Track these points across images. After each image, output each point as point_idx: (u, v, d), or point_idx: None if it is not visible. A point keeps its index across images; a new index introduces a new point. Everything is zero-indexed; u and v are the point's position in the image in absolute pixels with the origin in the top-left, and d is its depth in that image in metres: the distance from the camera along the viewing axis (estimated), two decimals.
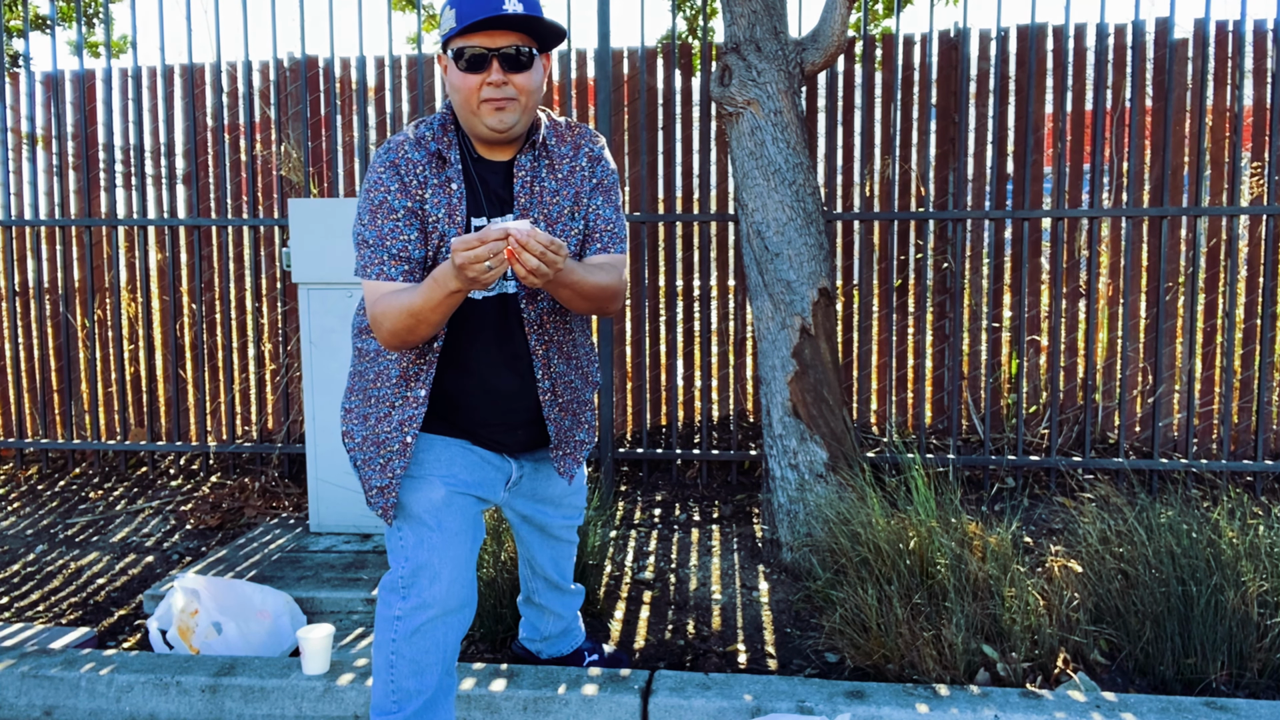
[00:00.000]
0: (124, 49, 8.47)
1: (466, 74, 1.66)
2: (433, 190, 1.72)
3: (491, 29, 1.63)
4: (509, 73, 1.66)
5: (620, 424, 4.11)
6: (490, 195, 1.76)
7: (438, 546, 1.75)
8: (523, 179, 1.77)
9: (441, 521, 1.76)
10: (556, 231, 1.79)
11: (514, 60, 1.65)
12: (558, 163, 1.81)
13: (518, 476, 1.95)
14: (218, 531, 3.55)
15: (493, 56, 1.64)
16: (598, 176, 1.84)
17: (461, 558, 1.78)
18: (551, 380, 1.85)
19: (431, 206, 1.71)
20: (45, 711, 2.25)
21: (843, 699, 2.05)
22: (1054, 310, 3.69)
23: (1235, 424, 3.77)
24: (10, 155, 4.20)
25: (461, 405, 1.82)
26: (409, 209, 1.70)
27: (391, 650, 1.76)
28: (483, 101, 1.67)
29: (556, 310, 1.83)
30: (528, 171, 1.78)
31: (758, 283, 3.02)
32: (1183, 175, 3.73)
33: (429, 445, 1.82)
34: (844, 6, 2.90)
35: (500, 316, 1.79)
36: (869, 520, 2.55)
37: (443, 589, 1.75)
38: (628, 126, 3.97)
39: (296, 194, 4.07)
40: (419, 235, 1.70)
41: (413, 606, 1.75)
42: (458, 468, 1.81)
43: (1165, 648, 2.25)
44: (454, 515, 1.78)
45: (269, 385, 4.18)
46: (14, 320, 4.30)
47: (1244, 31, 3.56)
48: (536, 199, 1.78)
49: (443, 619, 1.76)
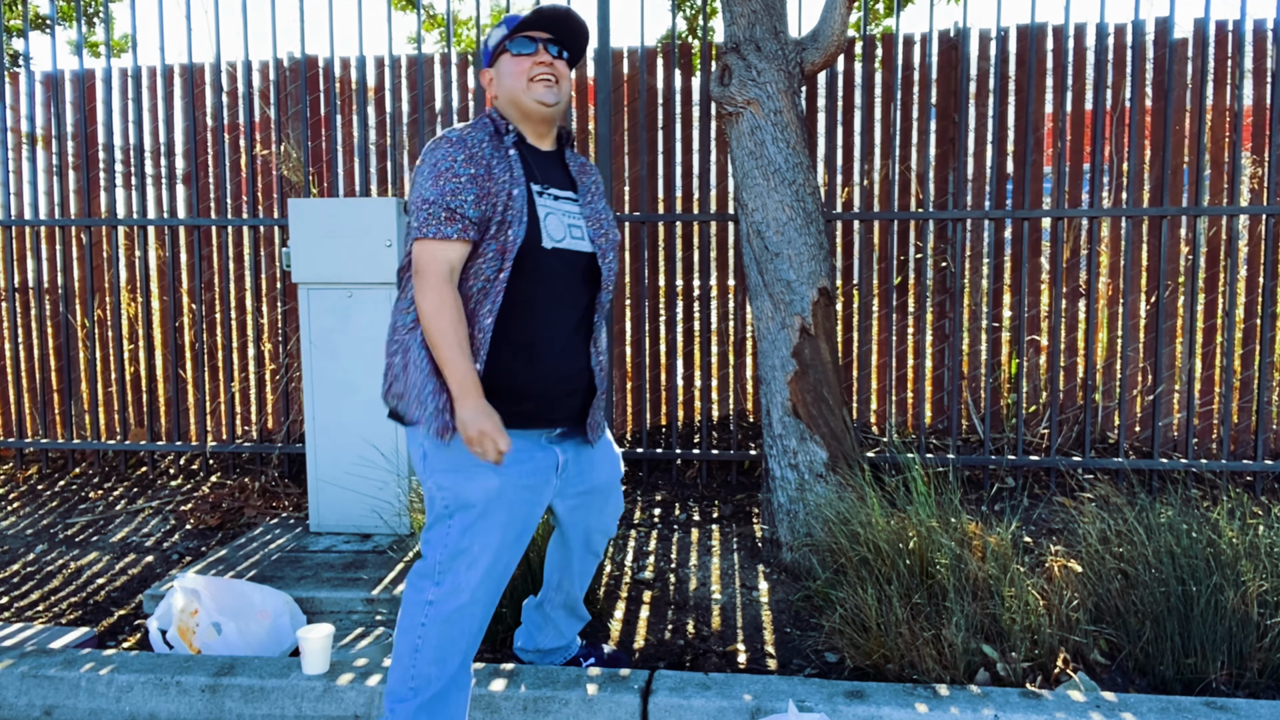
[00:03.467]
0: (124, 49, 8.47)
1: (519, 57, 1.96)
2: (496, 160, 1.91)
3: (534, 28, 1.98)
4: (552, 58, 1.98)
5: (620, 424, 4.11)
6: (544, 171, 2.00)
7: (481, 533, 1.82)
8: (575, 166, 2.09)
9: (490, 510, 1.83)
10: (603, 218, 2.07)
11: (555, 47, 1.99)
12: (585, 168, 2.14)
13: (564, 461, 2.01)
14: (218, 531, 3.55)
15: (540, 43, 1.97)
16: (604, 195, 2.16)
17: (504, 553, 1.85)
18: (601, 340, 2.07)
19: (498, 172, 1.89)
20: (45, 711, 2.25)
21: (842, 699, 2.05)
22: (1054, 310, 3.69)
23: (1235, 424, 3.77)
24: (10, 155, 4.21)
25: (543, 364, 1.92)
26: (472, 175, 1.85)
27: (419, 635, 1.82)
28: (532, 79, 1.94)
29: (614, 275, 2.06)
30: (575, 166, 2.10)
31: (758, 283, 3.02)
32: (1182, 175, 3.73)
33: None
34: (844, 6, 2.90)
35: (576, 271, 1.97)
36: (869, 520, 2.55)
37: (478, 576, 1.82)
38: (628, 126, 3.97)
39: (296, 194, 4.07)
40: (476, 199, 1.84)
41: (446, 591, 1.82)
42: (510, 460, 1.87)
43: (1165, 647, 2.25)
44: (504, 508, 1.84)
45: (269, 385, 4.18)
46: (14, 320, 4.31)
47: (1244, 31, 3.56)
48: (588, 192, 2.09)
49: (473, 607, 1.83)
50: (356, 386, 3.26)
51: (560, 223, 1.95)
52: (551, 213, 1.94)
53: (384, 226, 3.18)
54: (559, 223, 1.94)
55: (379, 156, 4.09)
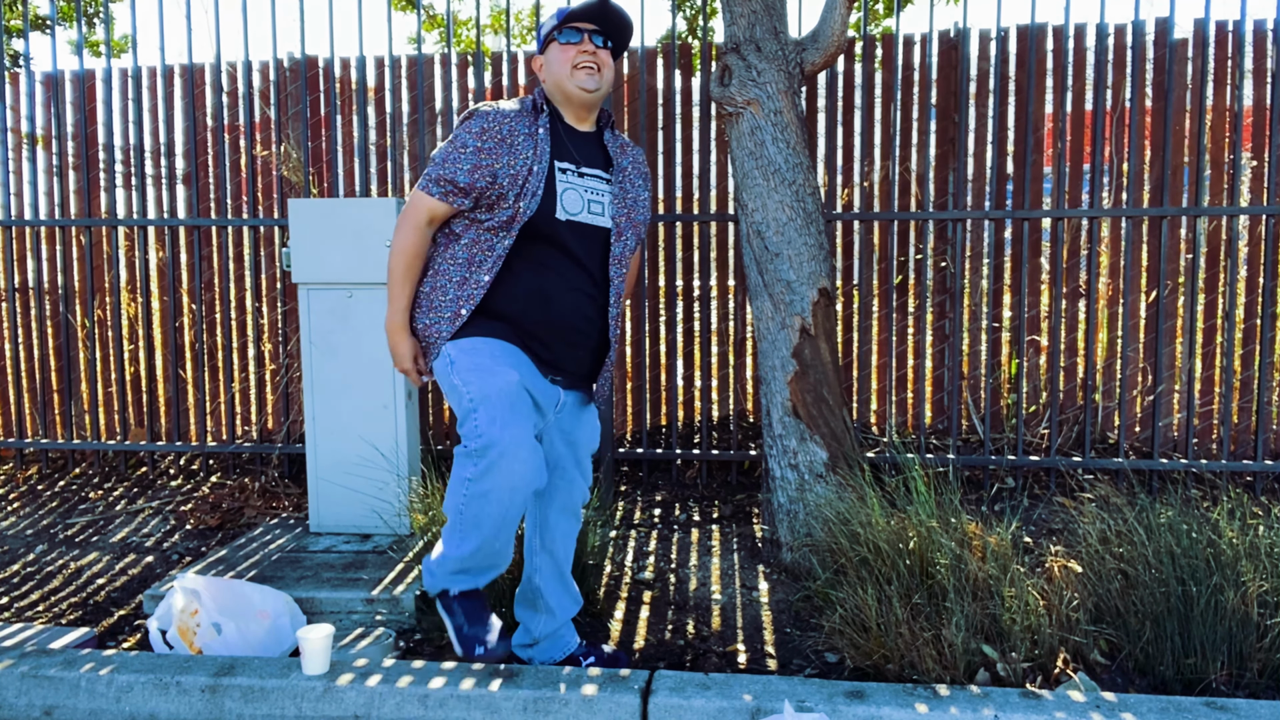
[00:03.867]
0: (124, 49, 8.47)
1: (565, 46, 2.17)
2: (523, 138, 2.13)
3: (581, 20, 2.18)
4: (596, 47, 2.18)
5: (620, 424, 4.10)
6: (576, 150, 2.21)
7: (509, 424, 1.97)
8: (612, 147, 2.27)
9: (514, 404, 1.99)
10: (633, 200, 2.27)
11: (600, 37, 2.19)
12: (625, 148, 2.32)
13: (561, 402, 2.25)
14: (218, 531, 3.55)
15: (585, 33, 2.18)
16: (644, 172, 2.35)
17: (528, 440, 1.99)
18: (616, 309, 2.25)
19: (522, 148, 2.12)
20: (45, 711, 2.25)
21: (842, 699, 2.05)
22: (1054, 310, 3.69)
23: (1235, 424, 3.77)
24: (10, 155, 4.21)
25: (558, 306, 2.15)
26: (478, 148, 2.09)
27: (462, 503, 2.03)
28: (575, 67, 2.15)
29: (628, 255, 2.26)
30: (613, 145, 2.27)
31: (758, 283, 3.02)
32: (1182, 175, 3.73)
33: (503, 348, 2.11)
34: (844, 6, 2.90)
35: (595, 244, 2.20)
36: (869, 520, 2.55)
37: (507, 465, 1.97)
38: (628, 126, 3.97)
39: (296, 194, 4.07)
40: (470, 169, 2.09)
41: (482, 471, 1.97)
42: (525, 369, 2.13)
43: (1165, 648, 2.25)
44: (523, 402, 2.03)
45: (269, 385, 4.18)
46: (14, 320, 4.31)
47: (1244, 31, 3.56)
48: (621, 171, 2.26)
49: (507, 492, 1.98)
50: (356, 386, 3.26)
51: (579, 198, 2.17)
52: (570, 188, 2.15)
53: (384, 226, 3.17)
54: (578, 197, 2.16)
55: (379, 156, 4.09)
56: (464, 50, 6.65)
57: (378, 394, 3.24)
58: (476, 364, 2.05)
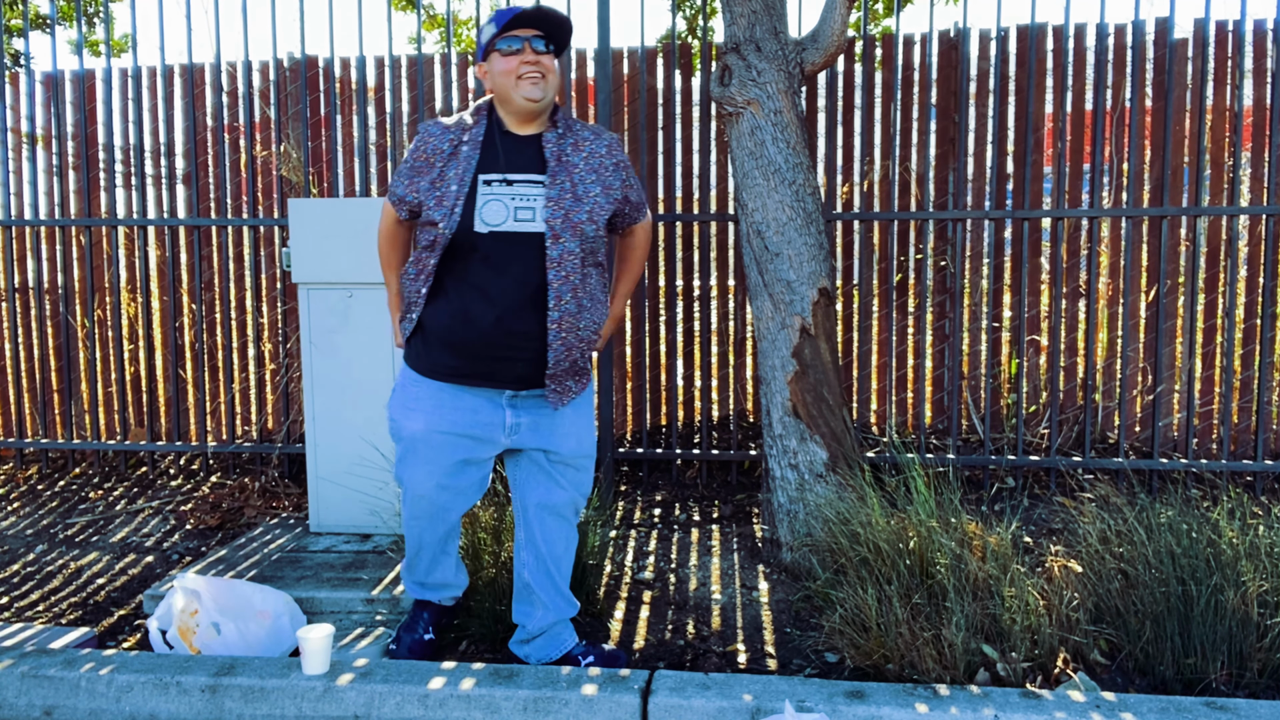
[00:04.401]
0: (124, 49, 8.47)
1: (507, 57, 2.16)
2: (446, 156, 2.20)
3: (520, 26, 2.16)
4: (538, 54, 2.16)
5: (620, 424, 4.11)
6: (507, 159, 2.19)
7: (408, 466, 2.30)
8: (551, 149, 2.20)
9: (413, 449, 2.27)
10: (581, 195, 2.18)
11: (540, 43, 2.17)
12: (580, 142, 2.25)
13: (514, 423, 2.28)
14: (218, 531, 3.55)
15: (525, 41, 2.16)
16: (615, 158, 2.28)
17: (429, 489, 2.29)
18: (561, 313, 2.16)
19: (449, 168, 2.19)
20: (45, 711, 2.25)
21: (842, 699, 2.05)
22: (1054, 310, 3.69)
23: (1235, 424, 3.77)
24: (10, 155, 4.21)
25: (479, 326, 2.17)
26: (412, 165, 2.23)
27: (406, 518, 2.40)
28: (519, 77, 2.14)
29: (576, 254, 2.17)
30: (554, 144, 2.21)
31: (758, 283, 3.02)
32: (1182, 175, 3.73)
33: (424, 392, 2.26)
34: (844, 6, 2.90)
35: (526, 251, 2.15)
36: (869, 520, 2.55)
37: (410, 500, 2.33)
38: (628, 126, 3.97)
39: (296, 194, 4.07)
40: (406, 184, 2.24)
41: (404, 501, 2.36)
42: (441, 409, 2.24)
43: (1165, 648, 2.25)
44: (428, 450, 2.26)
45: (269, 385, 4.18)
46: (14, 320, 4.31)
47: (1244, 31, 3.56)
48: (563, 167, 2.19)
49: (413, 523, 2.37)
50: (356, 386, 3.26)
51: (504, 208, 2.15)
52: (494, 199, 2.15)
53: None
54: (502, 208, 2.15)
55: (379, 156, 4.09)
56: (464, 50, 6.65)
57: (378, 394, 3.24)
58: (402, 402, 2.29)
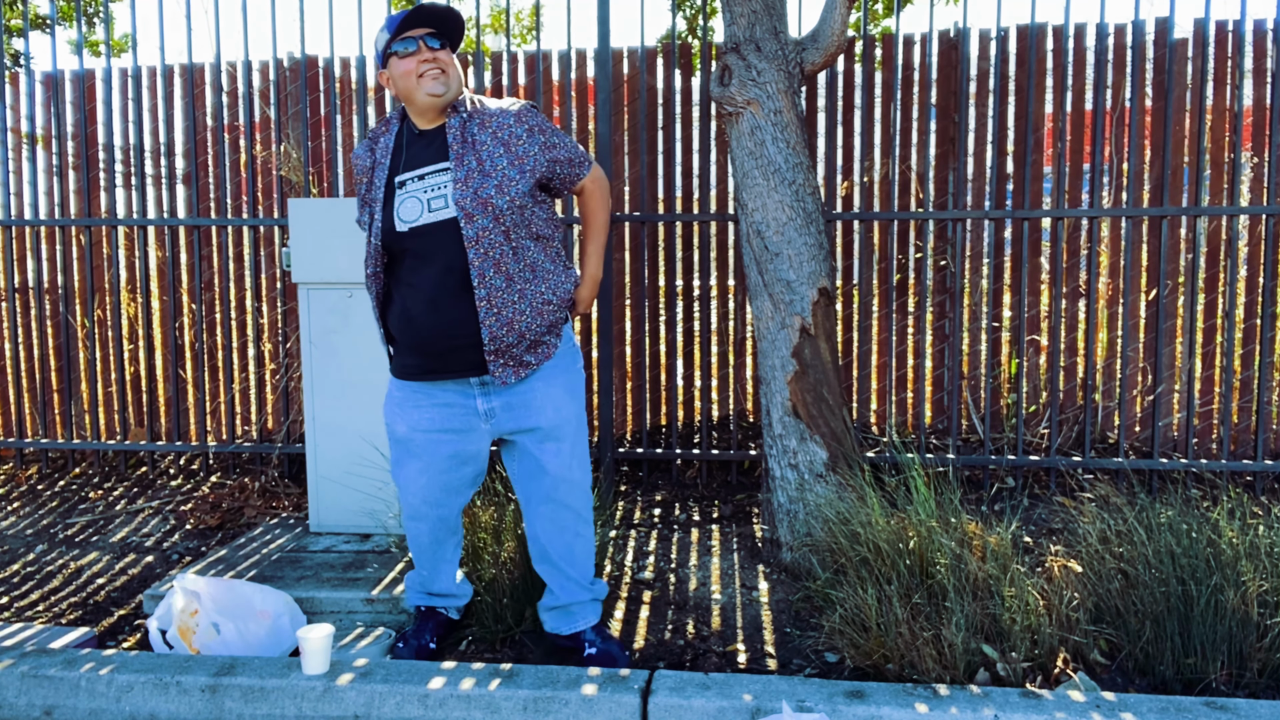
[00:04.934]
0: (124, 49, 8.47)
1: (404, 59, 2.20)
2: (372, 168, 2.29)
3: (412, 27, 2.20)
4: (433, 51, 2.20)
5: (620, 424, 4.10)
6: (415, 156, 2.24)
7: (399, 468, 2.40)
8: (454, 133, 2.22)
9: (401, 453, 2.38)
10: (489, 170, 2.18)
11: (434, 39, 2.21)
12: (488, 120, 2.25)
13: (487, 409, 2.32)
14: (218, 531, 3.55)
15: (419, 40, 2.20)
16: (528, 123, 2.26)
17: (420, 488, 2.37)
18: (488, 290, 2.18)
19: (375, 175, 2.27)
20: (45, 711, 2.25)
21: (842, 699, 2.05)
22: (1054, 310, 3.69)
23: (1235, 424, 3.77)
24: (10, 155, 4.21)
25: (418, 323, 2.23)
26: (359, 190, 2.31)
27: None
28: (420, 76, 2.18)
29: (494, 229, 2.17)
30: (459, 128, 2.23)
31: (757, 283, 3.02)
32: (1182, 175, 3.73)
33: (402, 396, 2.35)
34: (844, 6, 2.90)
35: (446, 238, 2.18)
36: (869, 520, 2.55)
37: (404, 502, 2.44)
38: (628, 126, 3.97)
39: (296, 194, 4.07)
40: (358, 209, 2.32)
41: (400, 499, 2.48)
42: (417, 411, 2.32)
43: (1165, 648, 2.25)
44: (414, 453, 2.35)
45: (269, 385, 4.18)
46: (14, 320, 4.31)
47: (1244, 31, 3.56)
48: (469, 147, 2.21)
49: (411, 523, 2.45)
50: (356, 386, 3.26)
51: (417, 203, 2.20)
52: (408, 197, 2.21)
53: None
54: (415, 204, 2.20)
55: None
56: (464, 50, 6.65)
57: (378, 394, 3.24)
58: (389, 407, 2.39)
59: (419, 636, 2.52)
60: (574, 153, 2.34)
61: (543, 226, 2.27)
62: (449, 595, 2.56)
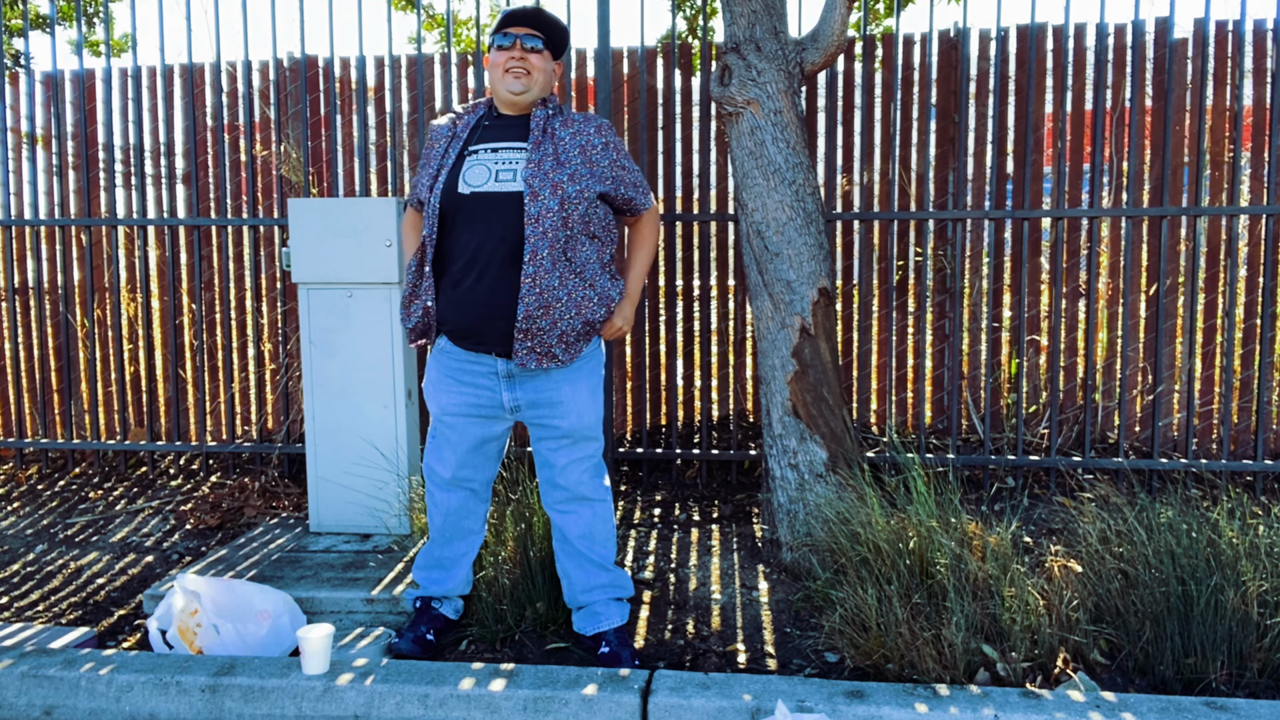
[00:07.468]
0: (124, 49, 8.47)
1: (498, 52, 2.36)
2: (445, 141, 2.40)
3: (514, 25, 2.35)
4: (526, 51, 2.34)
5: (620, 423, 4.10)
6: (492, 134, 2.37)
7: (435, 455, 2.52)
8: (538, 121, 2.35)
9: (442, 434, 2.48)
10: (564, 161, 2.31)
11: (530, 41, 2.35)
12: (569, 121, 2.39)
13: (513, 404, 2.40)
14: (218, 531, 3.55)
15: (515, 39, 2.34)
16: (604, 138, 2.40)
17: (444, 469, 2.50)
18: (535, 268, 2.24)
19: (448, 147, 2.38)
20: (45, 711, 2.25)
21: (842, 699, 2.05)
22: (1054, 310, 3.69)
23: (1235, 424, 3.77)
24: (10, 155, 4.21)
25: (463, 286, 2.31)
26: (425, 162, 2.42)
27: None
28: (505, 71, 2.33)
29: (555, 213, 2.25)
30: (543, 119, 2.36)
31: (758, 282, 3.02)
32: (1182, 175, 3.73)
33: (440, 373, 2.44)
34: (844, 6, 2.90)
35: (507, 209, 2.26)
36: (869, 520, 2.55)
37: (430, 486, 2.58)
38: (628, 126, 3.97)
39: (296, 194, 4.07)
40: (417, 179, 2.44)
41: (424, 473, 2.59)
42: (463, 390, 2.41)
43: (1165, 647, 2.25)
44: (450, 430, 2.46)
45: (269, 385, 4.18)
46: (14, 320, 4.30)
47: (1244, 31, 3.56)
48: (548, 137, 2.33)
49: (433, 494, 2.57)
50: (356, 386, 3.26)
51: (485, 170, 2.30)
52: (476, 164, 2.31)
53: (384, 226, 3.17)
54: (483, 170, 2.30)
55: (379, 156, 4.09)
56: (464, 50, 6.65)
57: (378, 394, 3.24)
58: (427, 388, 2.49)
59: (415, 629, 2.54)
60: (638, 180, 2.48)
61: (599, 228, 2.38)
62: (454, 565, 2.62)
